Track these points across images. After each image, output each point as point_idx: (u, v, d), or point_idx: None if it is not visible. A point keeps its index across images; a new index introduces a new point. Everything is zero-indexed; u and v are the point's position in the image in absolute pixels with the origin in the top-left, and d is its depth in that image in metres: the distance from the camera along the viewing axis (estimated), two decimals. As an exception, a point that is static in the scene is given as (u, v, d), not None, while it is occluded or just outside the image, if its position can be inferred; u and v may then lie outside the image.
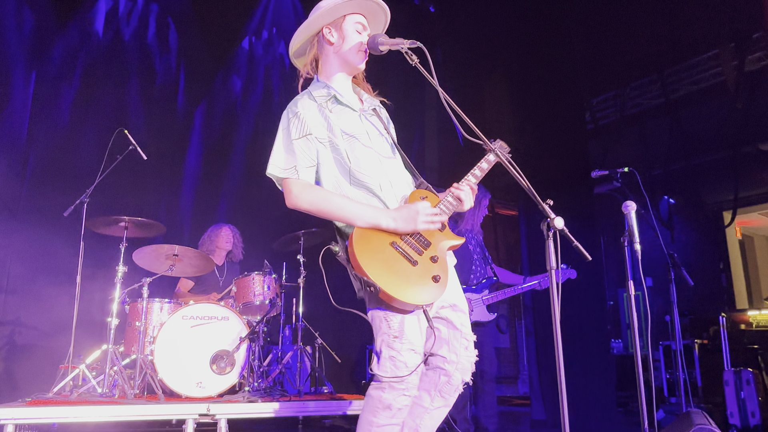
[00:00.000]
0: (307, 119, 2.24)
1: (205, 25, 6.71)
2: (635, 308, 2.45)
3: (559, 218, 2.08)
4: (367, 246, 2.11)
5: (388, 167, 2.34)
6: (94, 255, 4.90)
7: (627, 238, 2.71)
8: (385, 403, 2.11)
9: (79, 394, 4.11)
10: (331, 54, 2.38)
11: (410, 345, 2.13)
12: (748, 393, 5.32)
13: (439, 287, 2.15)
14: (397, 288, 2.07)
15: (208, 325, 4.39)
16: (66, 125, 5.65)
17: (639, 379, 2.46)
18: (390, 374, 2.10)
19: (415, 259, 2.16)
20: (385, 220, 2.15)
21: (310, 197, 2.18)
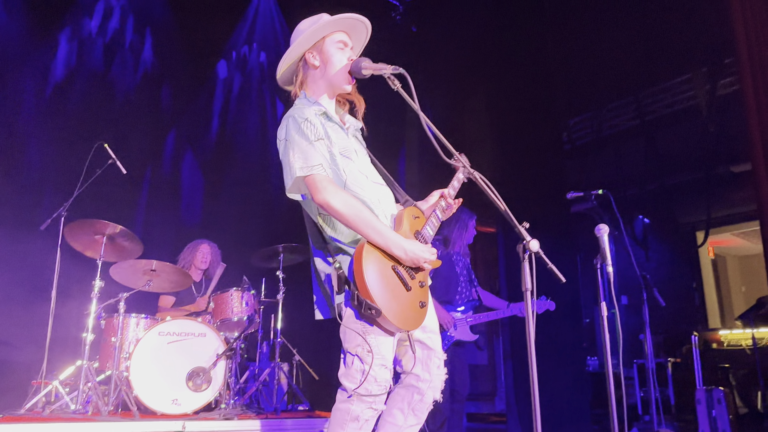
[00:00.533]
0: (316, 125, 2.26)
1: (188, 39, 6.72)
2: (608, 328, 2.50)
3: (535, 241, 2.12)
4: (374, 268, 2.14)
5: (376, 188, 2.38)
6: (70, 269, 4.85)
7: (600, 260, 2.78)
8: (353, 415, 2.15)
9: (52, 410, 4.06)
10: (317, 77, 2.42)
11: (382, 360, 2.17)
12: (719, 411, 5.41)
13: (423, 313, 2.25)
14: (395, 314, 2.12)
15: (184, 341, 4.37)
16: (45, 138, 5.61)
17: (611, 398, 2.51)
18: (360, 387, 2.14)
19: (409, 284, 2.21)
20: (396, 249, 2.18)
21: (345, 198, 2.16)
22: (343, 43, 2.41)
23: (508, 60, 7.79)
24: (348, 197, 2.17)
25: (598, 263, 2.76)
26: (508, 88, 7.83)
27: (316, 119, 2.27)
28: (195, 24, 6.68)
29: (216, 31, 7.02)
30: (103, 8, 6.35)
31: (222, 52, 7.17)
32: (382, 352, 2.17)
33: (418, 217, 2.39)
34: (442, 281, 4.65)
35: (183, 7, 6.65)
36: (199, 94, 6.94)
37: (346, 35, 2.45)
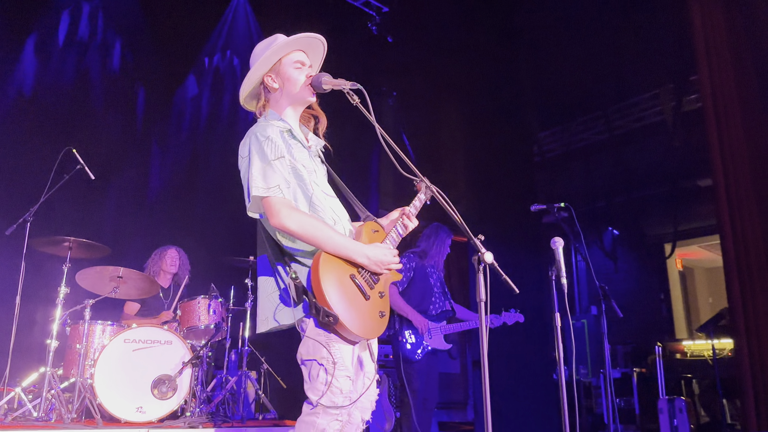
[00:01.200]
0: (278, 143, 2.28)
1: (162, 46, 6.70)
2: (560, 338, 2.58)
3: (489, 253, 2.17)
4: (331, 276, 2.18)
5: (335, 205, 2.44)
6: (36, 275, 4.81)
7: (554, 272, 2.86)
8: (319, 428, 2.15)
9: (14, 417, 4.02)
10: (278, 98, 2.45)
11: (346, 371, 2.19)
12: (680, 420, 5.54)
13: (383, 323, 2.27)
14: (353, 322, 2.15)
15: (150, 349, 4.35)
16: (11, 143, 5.55)
17: (563, 409, 2.57)
18: (325, 399, 2.14)
19: (368, 294, 2.25)
20: (359, 256, 2.23)
21: (300, 220, 2.19)
22: (300, 63, 2.45)
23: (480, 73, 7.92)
24: (302, 217, 2.21)
25: (552, 275, 2.84)
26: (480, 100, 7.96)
27: (278, 137, 2.30)
28: (168, 29, 6.66)
29: (189, 37, 7.01)
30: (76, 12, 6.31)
31: (195, 58, 7.16)
32: (346, 363, 2.19)
33: (378, 231, 2.44)
34: (417, 291, 4.78)
35: (156, 12, 6.63)
36: (171, 100, 6.92)
37: (303, 54, 2.48)
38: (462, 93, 8.28)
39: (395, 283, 4.76)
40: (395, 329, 4.73)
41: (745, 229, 5.23)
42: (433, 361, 4.71)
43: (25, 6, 5.93)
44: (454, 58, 8.06)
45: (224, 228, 6.14)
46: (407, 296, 4.75)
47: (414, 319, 4.62)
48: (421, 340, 4.62)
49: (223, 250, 5.79)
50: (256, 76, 2.45)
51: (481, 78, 7.85)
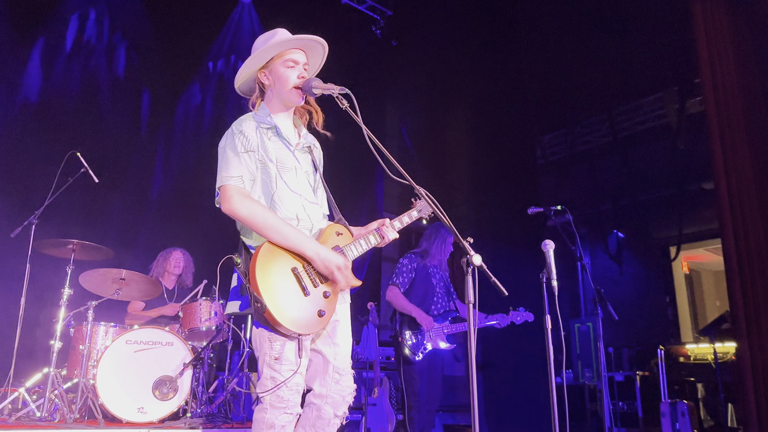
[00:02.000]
0: (250, 138, 2.36)
1: (167, 50, 6.78)
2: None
3: (477, 255, 2.19)
4: (269, 265, 2.21)
5: (306, 204, 2.45)
6: (40, 277, 4.87)
7: (545, 275, 2.87)
8: (269, 422, 2.19)
9: (17, 417, 4.07)
10: (271, 95, 2.50)
11: (291, 365, 2.23)
12: (682, 424, 5.52)
13: (320, 322, 2.26)
14: (281, 312, 2.16)
15: (152, 350, 4.39)
16: (18, 147, 5.63)
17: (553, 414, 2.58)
18: (271, 395, 2.19)
19: (309, 289, 2.26)
20: (310, 250, 2.26)
21: (250, 208, 2.25)
22: (293, 62, 2.47)
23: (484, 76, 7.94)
24: (254, 206, 2.27)
25: (543, 277, 2.85)
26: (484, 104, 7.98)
27: (251, 132, 2.37)
28: (173, 34, 6.74)
29: (194, 41, 7.09)
30: (82, 17, 6.40)
31: (200, 62, 7.23)
32: (290, 357, 2.23)
33: (342, 234, 2.47)
34: (418, 291, 4.76)
35: (162, 17, 6.71)
36: (176, 104, 6.99)
37: (301, 53, 2.51)
38: (465, 96, 8.31)
39: (397, 283, 4.77)
40: (396, 330, 4.71)
41: (748, 232, 5.22)
42: (436, 361, 4.67)
43: (32, 11, 6.02)
44: (457, 62, 8.10)
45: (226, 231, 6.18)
46: (409, 296, 4.73)
47: (418, 316, 4.60)
48: (422, 341, 4.59)
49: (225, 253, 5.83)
50: (251, 69, 2.51)
51: (485, 81, 7.87)
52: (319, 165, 2.63)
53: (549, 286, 2.88)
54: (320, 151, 2.69)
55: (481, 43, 8.01)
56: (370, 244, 2.50)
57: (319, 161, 2.64)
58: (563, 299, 9.99)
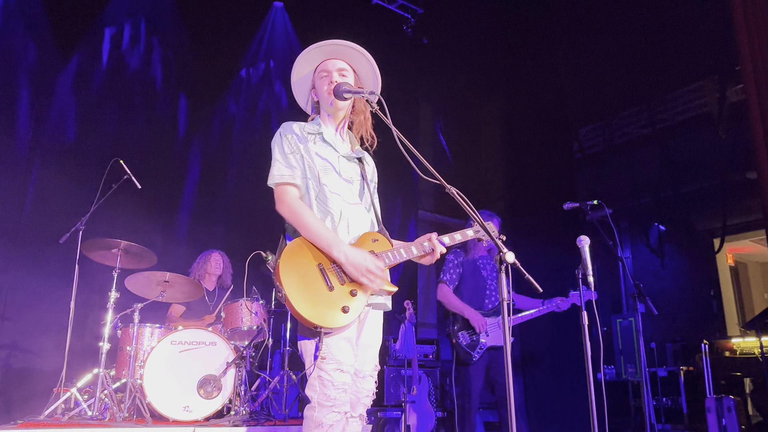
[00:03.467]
0: (292, 140, 2.49)
1: (203, 56, 6.93)
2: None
3: (510, 253, 2.19)
4: (296, 259, 2.28)
5: (348, 209, 2.49)
6: (88, 281, 5.05)
7: (581, 271, 2.85)
8: (317, 421, 2.23)
9: (70, 417, 4.23)
10: (320, 108, 2.64)
11: (337, 365, 2.27)
12: (729, 420, 5.40)
13: (343, 318, 2.25)
14: (301, 301, 2.20)
15: (196, 350, 4.51)
16: (65, 155, 5.84)
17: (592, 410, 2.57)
18: (319, 394, 2.24)
19: (333, 285, 2.29)
20: (336, 251, 2.30)
21: (291, 205, 2.38)
22: (325, 72, 2.57)
23: (518, 70, 7.88)
24: (294, 203, 2.38)
25: (579, 273, 2.83)
26: (518, 98, 7.92)
27: (295, 135, 2.51)
28: (209, 41, 6.88)
29: (230, 47, 7.22)
30: (122, 29, 6.58)
31: (235, 68, 7.36)
32: (336, 356, 2.27)
33: (378, 241, 2.49)
34: (468, 286, 4.65)
35: (198, 25, 6.86)
36: (214, 111, 7.13)
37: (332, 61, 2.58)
38: (499, 91, 8.27)
39: (445, 280, 4.66)
40: (450, 330, 4.58)
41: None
42: (498, 356, 4.51)
43: (73, 22, 6.22)
44: (490, 57, 8.05)
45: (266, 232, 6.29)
46: (459, 293, 4.61)
47: (470, 317, 4.46)
48: (478, 340, 4.46)
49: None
50: (304, 94, 2.69)
51: (518, 75, 7.82)
52: (370, 178, 2.70)
53: (585, 281, 2.86)
54: (373, 167, 2.77)
55: (514, 36, 7.95)
56: (412, 254, 2.50)
57: (371, 175, 2.72)
58: (605, 294, 9.84)
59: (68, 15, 6.14)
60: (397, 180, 8.28)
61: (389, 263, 2.44)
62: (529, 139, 7.63)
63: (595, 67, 7.93)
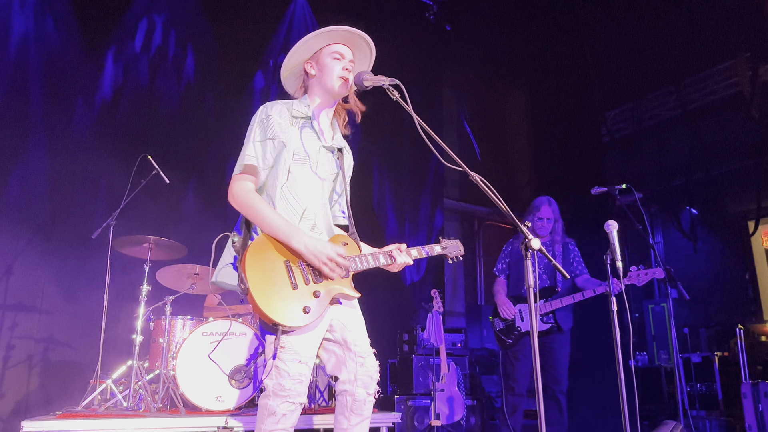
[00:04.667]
0: (274, 123, 2.41)
1: (227, 51, 6.97)
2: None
3: (536, 239, 2.18)
4: (262, 253, 2.27)
5: (315, 208, 2.47)
6: (120, 275, 5.15)
7: (609, 256, 2.81)
8: (270, 409, 2.24)
9: (106, 407, 4.33)
10: (314, 85, 2.56)
11: (295, 355, 2.26)
12: (766, 406, 5.29)
13: (303, 318, 2.23)
14: (263, 297, 2.18)
15: (226, 340, 4.57)
16: (95, 151, 5.93)
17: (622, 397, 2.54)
18: (273, 383, 2.25)
19: (297, 284, 2.28)
20: (296, 240, 2.28)
21: (244, 198, 2.35)
22: (340, 54, 2.53)
23: (544, 54, 7.77)
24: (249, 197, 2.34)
25: (608, 259, 2.80)
26: (544, 82, 7.82)
27: (278, 118, 2.43)
28: (233, 36, 6.92)
29: (253, 41, 7.25)
30: (146, 25, 6.66)
31: (259, 62, 7.39)
32: (295, 347, 2.26)
33: (347, 245, 2.48)
34: (513, 274, 4.85)
35: (221, 20, 6.90)
36: (240, 104, 7.18)
37: (345, 48, 2.55)
38: (524, 76, 8.17)
39: (495, 272, 4.88)
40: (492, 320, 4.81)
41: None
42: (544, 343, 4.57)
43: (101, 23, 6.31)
44: (513, 41, 7.95)
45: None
46: (511, 281, 4.81)
47: (498, 302, 4.69)
48: (512, 325, 4.61)
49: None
50: (296, 60, 2.57)
51: (543, 59, 7.71)
52: (347, 170, 2.65)
53: (614, 267, 2.82)
54: (351, 157, 2.72)
55: (538, 20, 7.84)
56: (378, 262, 2.50)
57: (348, 166, 2.66)
58: (635, 280, 9.69)
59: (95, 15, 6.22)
60: (421, 169, 8.26)
61: (355, 269, 2.43)
62: (555, 124, 7.53)
63: (622, 49, 7.79)
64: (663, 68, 8.10)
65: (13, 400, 5.27)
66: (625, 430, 2.45)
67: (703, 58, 7.93)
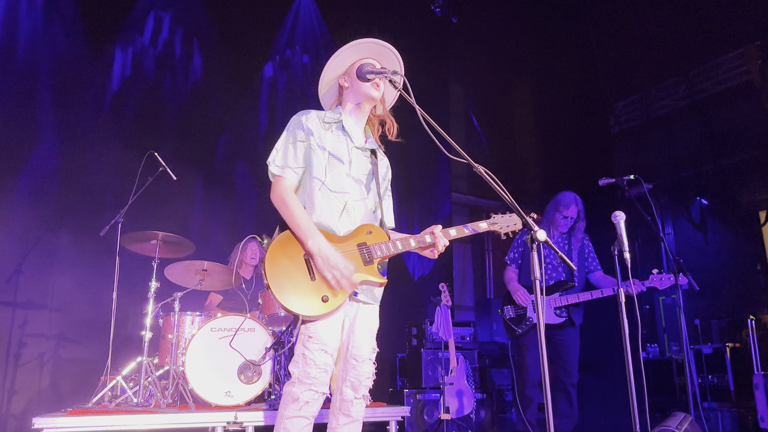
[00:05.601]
0: (306, 128, 2.53)
1: (233, 46, 6.98)
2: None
3: (542, 231, 2.16)
4: (284, 249, 2.38)
5: (351, 200, 2.53)
6: (128, 272, 5.17)
7: (617, 247, 2.79)
8: (294, 396, 2.32)
9: (117, 403, 4.35)
10: (347, 96, 2.67)
11: (321, 345, 2.35)
12: (778, 397, 5.25)
13: (321, 307, 2.32)
14: (281, 289, 2.30)
15: (235, 336, 4.58)
16: (103, 149, 5.96)
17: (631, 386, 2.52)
18: (300, 370, 2.33)
19: (315, 275, 2.35)
20: (311, 242, 2.35)
21: (280, 195, 2.45)
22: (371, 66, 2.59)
23: (550, 46, 7.72)
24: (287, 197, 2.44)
25: (615, 250, 2.78)
26: (552, 74, 7.77)
27: (312, 124, 2.54)
28: (238, 31, 6.93)
29: (258, 36, 7.25)
30: (153, 22, 6.68)
31: (266, 56, 7.39)
32: (322, 337, 2.35)
33: (372, 233, 2.52)
34: (526, 264, 4.79)
35: (226, 16, 6.91)
36: (247, 99, 7.19)
37: (376, 62, 2.63)
38: (531, 68, 8.12)
39: (506, 260, 4.85)
40: (502, 306, 4.76)
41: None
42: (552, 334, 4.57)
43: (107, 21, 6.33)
44: (520, 33, 7.91)
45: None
46: (523, 271, 4.75)
47: (512, 290, 4.64)
48: (523, 315, 4.59)
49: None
50: (330, 77, 2.69)
51: (551, 51, 7.66)
52: (383, 175, 2.72)
53: (621, 258, 2.80)
54: (387, 163, 2.79)
55: (545, 11, 7.78)
56: (410, 246, 2.52)
57: (383, 172, 2.73)
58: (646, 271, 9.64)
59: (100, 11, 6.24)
60: (429, 162, 8.24)
61: (381, 254, 2.47)
62: (563, 115, 7.49)
63: (630, 39, 7.72)
64: (671, 58, 8.03)
65: (26, 397, 5.32)
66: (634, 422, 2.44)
67: (712, 47, 7.85)
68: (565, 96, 7.48)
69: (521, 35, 7.97)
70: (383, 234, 2.53)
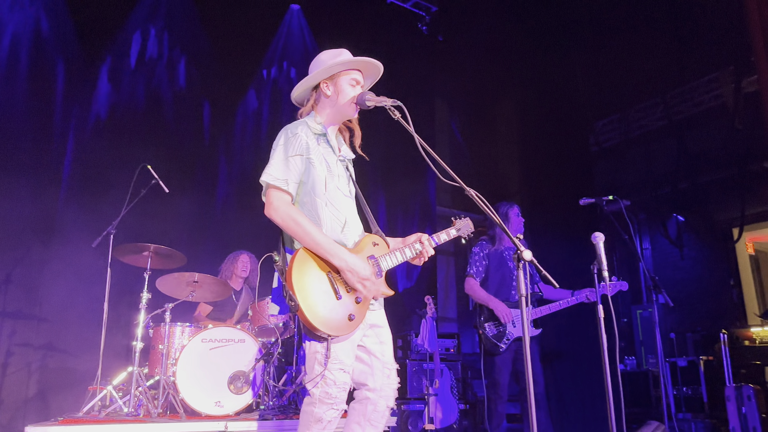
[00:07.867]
0: (303, 141, 2.52)
1: (223, 61, 7.08)
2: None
3: (528, 251, 2.29)
4: (306, 266, 2.36)
5: (353, 215, 2.62)
6: (120, 283, 5.23)
7: (596, 266, 2.94)
8: (317, 416, 2.34)
9: (107, 413, 4.41)
10: (327, 105, 2.67)
11: (340, 365, 2.37)
12: (749, 408, 5.46)
13: (349, 326, 2.37)
14: (313, 312, 2.28)
15: (225, 347, 4.67)
16: (94, 162, 6.02)
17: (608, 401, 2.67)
18: (320, 391, 2.34)
19: (341, 294, 2.39)
20: (337, 259, 2.38)
21: (287, 213, 2.39)
22: (356, 81, 2.67)
23: (533, 65, 7.94)
24: (293, 212, 2.40)
25: (594, 269, 2.93)
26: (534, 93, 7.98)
27: (304, 136, 2.53)
28: (228, 46, 7.04)
29: (249, 52, 7.37)
30: (143, 36, 6.76)
31: (255, 71, 7.51)
32: (340, 357, 2.37)
33: (378, 245, 2.60)
34: (494, 278, 4.71)
35: (217, 32, 7.02)
36: (235, 112, 7.29)
37: (359, 74, 2.70)
38: (514, 86, 8.32)
39: (471, 273, 4.71)
40: (477, 322, 4.68)
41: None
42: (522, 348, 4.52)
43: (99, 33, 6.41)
44: (504, 52, 8.11)
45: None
46: (486, 285, 4.68)
47: (494, 308, 4.54)
48: (504, 330, 4.54)
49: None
50: (314, 80, 2.68)
51: (533, 70, 7.87)
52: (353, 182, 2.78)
53: (600, 276, 2.96)
54: (352, 169, 2.84)
55: (528, 31, 8.00)
56: (406, 256, 2.62)
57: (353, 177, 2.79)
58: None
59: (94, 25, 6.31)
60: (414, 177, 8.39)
61: (388, 266, 2.56)
62: (545, 133, 7.69)
63: (610, 61, 7.97)
64: (650, 80, 8.32)
65: (13, 407, 5.33)
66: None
67: (689, 71, 8.15)
68: (548, 114, 7.69)
69: (506, 54, 8.18)
70: (386, 245, 2.62)
